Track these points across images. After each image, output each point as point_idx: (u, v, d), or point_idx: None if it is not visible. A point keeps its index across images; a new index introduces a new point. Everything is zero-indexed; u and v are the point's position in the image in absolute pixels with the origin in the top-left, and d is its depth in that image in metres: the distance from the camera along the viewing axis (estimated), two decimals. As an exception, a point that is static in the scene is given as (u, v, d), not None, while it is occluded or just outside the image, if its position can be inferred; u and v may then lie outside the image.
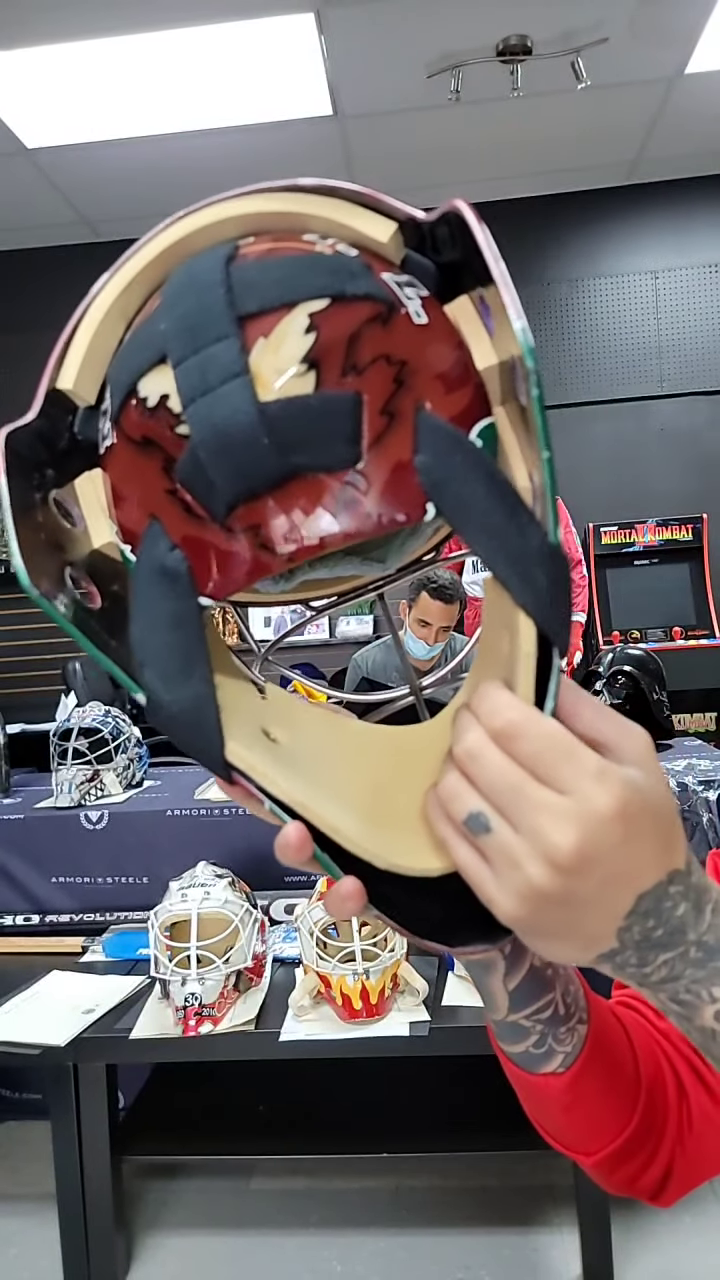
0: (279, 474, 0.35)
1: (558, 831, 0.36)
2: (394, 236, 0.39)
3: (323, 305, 0.36)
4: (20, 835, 2.27)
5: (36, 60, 3.14)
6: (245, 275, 0.36)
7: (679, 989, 0.41)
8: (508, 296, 0.37)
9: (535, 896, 0.37)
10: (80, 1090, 1.80)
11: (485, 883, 0.38)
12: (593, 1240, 1.79)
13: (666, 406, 4.34)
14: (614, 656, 2.68)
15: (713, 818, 2.13)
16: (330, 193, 0.39)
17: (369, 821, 0.41)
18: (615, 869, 0.37)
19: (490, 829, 0.37)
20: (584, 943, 0.40)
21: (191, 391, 0.35)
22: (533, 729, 0.37)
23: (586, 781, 0.37)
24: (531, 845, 0.36)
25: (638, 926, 0.40)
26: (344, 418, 0.35)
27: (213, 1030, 1.71)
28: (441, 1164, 2.17)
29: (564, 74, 3.31)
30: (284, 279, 0.36)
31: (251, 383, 0.35)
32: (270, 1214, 2.08)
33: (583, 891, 0.37)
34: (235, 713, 0.39)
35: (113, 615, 0.40)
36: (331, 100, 3.48)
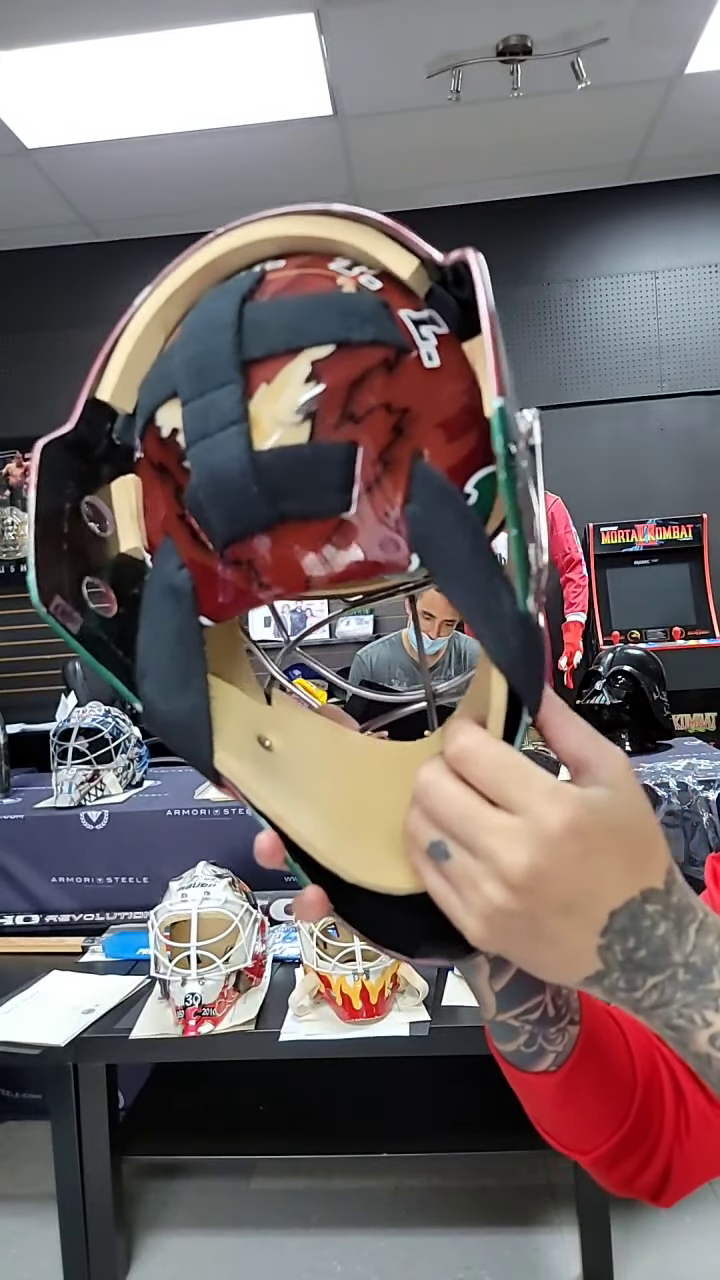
0: (268, 520, 0.37)
1: (509, 851, 0.37)
2: (416, 272, 0.39)
3: (327, 352, 0.36)
4: (20, 835, 2.27)
5: (36, 60, 3.14)
6: (257, 316, 0.37)
7: (671, 1014, 0.41)
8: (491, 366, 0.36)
9: (497, 915, 0.38)
10: (80, 1090, 1.80)
11: (453, 907, 0.39)
12: (593, 1240, 1.79)
13: (666, 406, 4.34)
14: (614, 656, 2.68)
15: (713, 817, 2.13)
16: (360, 220, 0.40)
17: (344, 835, 0.42)
18: (576, 885, 0.38)
19: (450, 856, 0.38)
20: (565, 962, 0.40)
21: (194, 434, 0.37)
22: (483, 753, 0.38)
23: (538, 801, 0.38)
24: (487, 867, 0.38)
25: (618, 946, 0.40)
26: (336, 467, 0.36)
27: (213, 1030, 1.71)
28: (441, 1164, 2.17)
29: (564, 74, 3.31)
30: (293, 322, 0.37)
31: (248, 430, 0.36)
32: (270, 1214, 2.08)
33: (544, 908, 0.38)
34: (231, 721, 0.41)
35: (127, 622, 0.42)
36: (331, 100, 3.47)
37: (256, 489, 0.36)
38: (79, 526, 0.42)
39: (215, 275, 0.41)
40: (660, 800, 2.16)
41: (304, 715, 0.47)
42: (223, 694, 0.41)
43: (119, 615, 0.42)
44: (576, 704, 2.70)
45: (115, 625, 0.42)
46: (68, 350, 4.41)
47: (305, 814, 0.42)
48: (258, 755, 0.42)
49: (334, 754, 0.46)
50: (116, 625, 0.42)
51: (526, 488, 0.38)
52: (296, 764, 0.44)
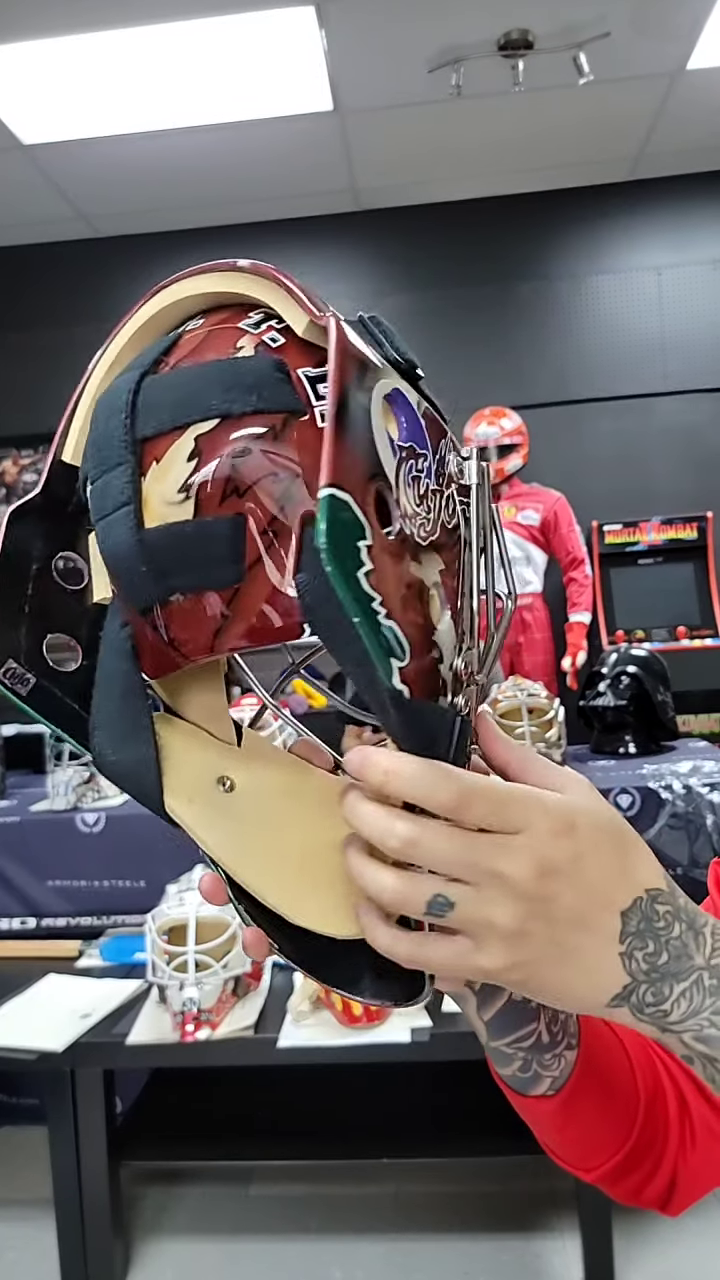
0: (159, 596, 0.38)
1: (513, 865, 0.37)
2: (309, 327, 0.39)
3: (210, 427, 0.37)
4: (16, 838, 2.25)
5: (33, 55, 3.12)
6: (150, 395, 0.38)
7: (702, 1024, 0.41)
8: (327, 452, 0.34)
9: (516, 937, 0.38)
10: (78, 1096, 1.79)
11: (470, 959, 0.38)
12: (594, 1245, 1.78)
13: (670, 403, 4.31)
14: (618, 657, 2.65)
15: (718, 820, 2.12)
16: (259, 274, 0.41)
17: (293, 878, 0.43)
18: (581, 885, 0.38)
19: (453, 903, 0.37)
20: (591, 980, 0.40)
21: (96, 514, 0.39)
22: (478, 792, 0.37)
23: (535, 815, 0.38)
24: (495, 890, 0.37)
25: (639, 952, 0.40)
26: (221, 542, 0.37)
27: (211, 1035, 1.69)
28: (442, 1169, 2.15)
29: (565, 69, 3.29)
30: (181, 399, 0.37)
31: (137, 511, 0.37)
32: (270, 1220, 2.06)
33: (558, 914, 0.38)
34: (187, 765, 0.42)
35: (90, 672, 0.43)
36: (332, 95, 3.45)
37: (144, 568, 0.37)
38: (46, 584, 0.43)
39: (155, 332, 0.42)
40: (664, 803, 2.14)
41: (271, 754, 0.47)
42: (181, 738, 0.42)
43: (83, 667, 0.43)
44: (580, 705, 2.68)
45: (79, 677, 0.43)
46: (65, 347, 4.38)
47: (254, 857, 0.42)
48: (211, 799, 0.43)
49: (295, 796, 0.46)
50: (81, 677, 0.43)
51: (374, 568, 0.35)
52: (254, 805, 0.44)
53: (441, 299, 4.37)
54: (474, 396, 4.18)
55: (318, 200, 4.25)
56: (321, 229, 4.38)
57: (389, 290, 4.41)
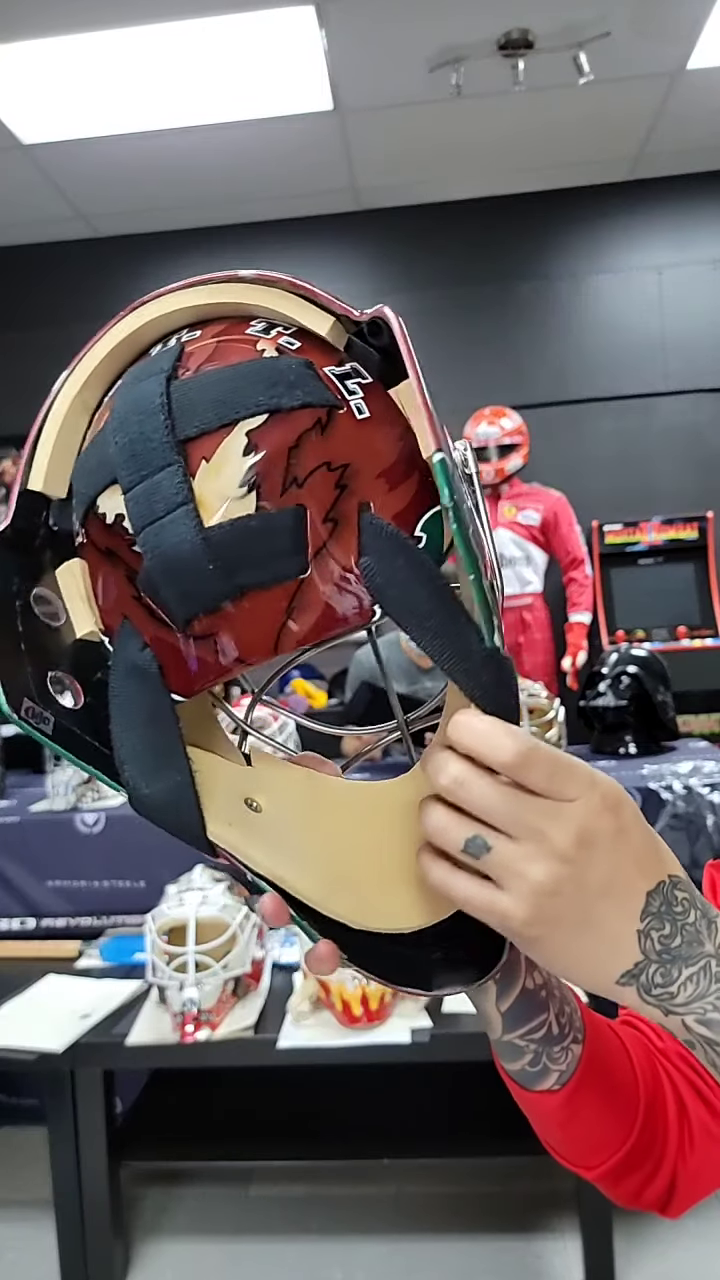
0: (226, 594, 0.37)
1: (558, 828, 0.39)
2: (333, 328, 0.40)
3: (260, 421, 0.37)
4: (15, 838, 2.25)
5: (32, 54, 3.11)
6: (186, 395, 0.38)
7: (706, 1007, 0.42)
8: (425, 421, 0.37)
9: (545, 898, 0.39)
10: (78, 1096, 1.78)
11: (495, 901, 0.40)
12: (595, 1246, 1.77)
13: (671, 403, 4.31)
14: (618, 657, 2.65)
15: (718, 820, 2.11)
16: (269, 283, 0.41)
17: (343, 884, 0.43)
18: (616, 860, 0.40)
19: (489, 847, 0.39)
20: (606, 951, 0.41)
21: (140, 520, 0.38)
22: (538, 755, 0.39)
23: (588, 787, 0.40)
24: (534, 846, 0.39)
25: (655, 932, 0.41)
26: (286, 533, 0.37)
27: (211, 1036, 1.69)
28: (442, 1170, 2.15)
29: (566, 68, 3.28)
30: (222, 397, 0.37)
31: (195, 510, 0.37)
32: (270, 1220, 2.06)
33: (590, 885, 0.39)
34: (216, 789, 0.42)
35: (96, 710, 0.42)
36: (332, 95, 3.45)
37: (211, 566, 0.37)
38: (32, 621, 0.43)
39: (131, 351, 0.42)
40: (665, 803, 2.14)
41: (285, 771, 0.47)
42: (205, 764, 0.42)
43: (87, 705, 0.43)
44: (580, 705, 2.67)
45: (85, 716, 0.43)
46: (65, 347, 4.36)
47: (303, 870, 0.42)
48: (248, 819, 0.43)
49: (319, 805, 0.46)
50: (87, 716, 0.43)
51: (475, 529, 0.38)
52: (285, 821, 0.44)
53: (441, 299, 4.37)
54: (474, 396, 4.17)
55: (318, 200, 4.24)
56: (321, 229, 4.37)
57: (389, 290, 4.41)
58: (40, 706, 0.41)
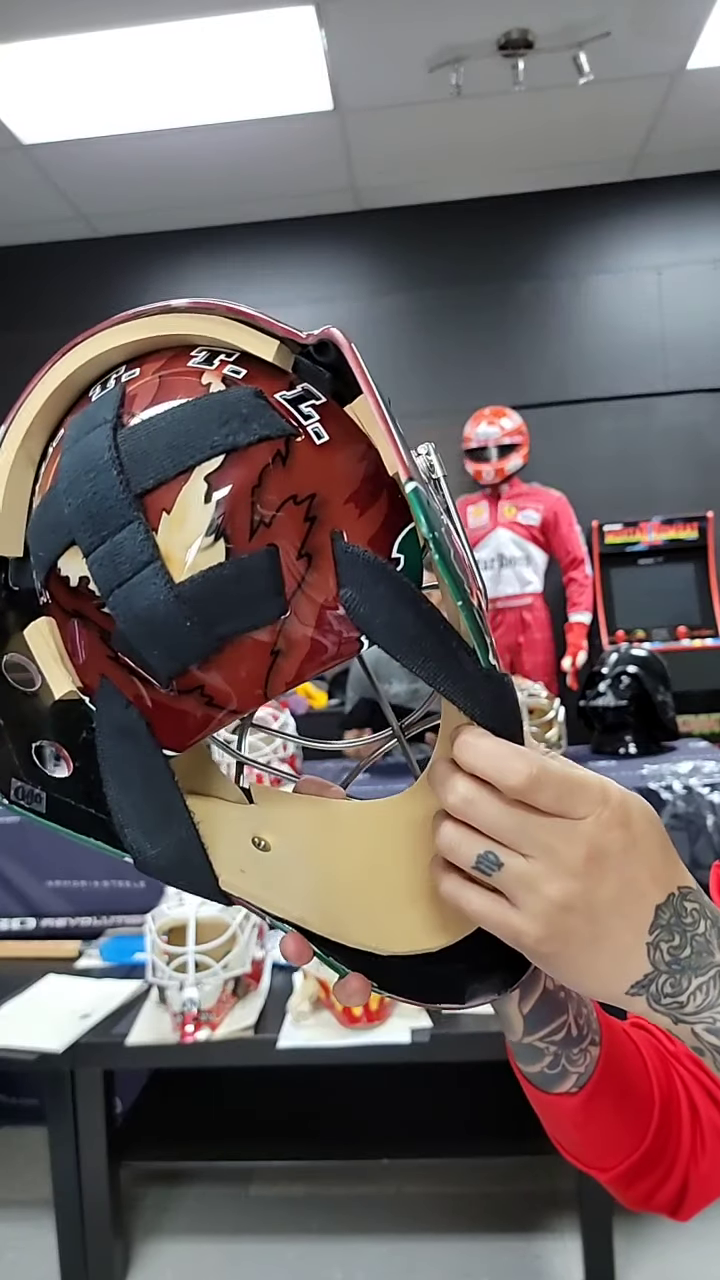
0: (209, 648, 0.36)
1: (569, 846, 0.39)
2: (279, 351, 0.38)
3: (217, 464, 0.35)
4: (15, 838, 2.25)
5: (32, 54, 3.11)
6: (137, 445, 0.36)
7: (716, 1016, 0.42)
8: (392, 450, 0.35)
9: (558, 912, 0.39)
10: (77, 1096, 1.78)
11: (507, 917, 0.40)
12: (595, 1246, 1.77)
13: (671, 403, 4.31)
14: (618, 657, 2.65)
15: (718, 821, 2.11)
16: (206, 311, 0.39)
17: (361, 912, 0.42)
18: (626, 874, 0.40)
19: (501, 864, 0.39)
20: (616, 964, 0.41)
21: (107, 583, 0.36)
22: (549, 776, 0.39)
23: (598, 805, 0.40)
24: (546, 864, 0.39)
25: (664, 944, 0.41)
26: (261, 576, 0.36)
27: (211, 1036, 1.69)
28: (442, 1170, 2.15)
29: (566, 68, 3.28)
30: (174, 443, 0.35)
31: (163, 567, 0.35)
32: (270, 1220, 2.06)
33: (601, 900, 0.40)
34: (222, 836, 0.41)
35: (85, 773, 0.41)
36: (332, 95, 3.45)
37: (189, 623, 0.35)
38: (7, 692, 0.41)
39: (69, 394, 0.40)
40: (665, 803, 2.14)
41: (289, 803, 0.45)
42: (207, 812, 0.41)
43: (77, 769, 0.41)
44: (580, 705, 2.67)
45: (77, 781, 0.41)
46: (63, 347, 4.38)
47: (318, 904, 0.42)
48: (258, 861, 0.42)
49: (326, 834, 0.45)
50: (78, 781, 0.41)
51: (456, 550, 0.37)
52: (294, 856, 0.43)
53: (441, 299, 4.37)
54: (474, 396, 4.18)
55: (318, 200, 4.25)
56: (321, 229, 4.37)
57: (389, 290, 4.41)
58: (30, 784, 0.40)
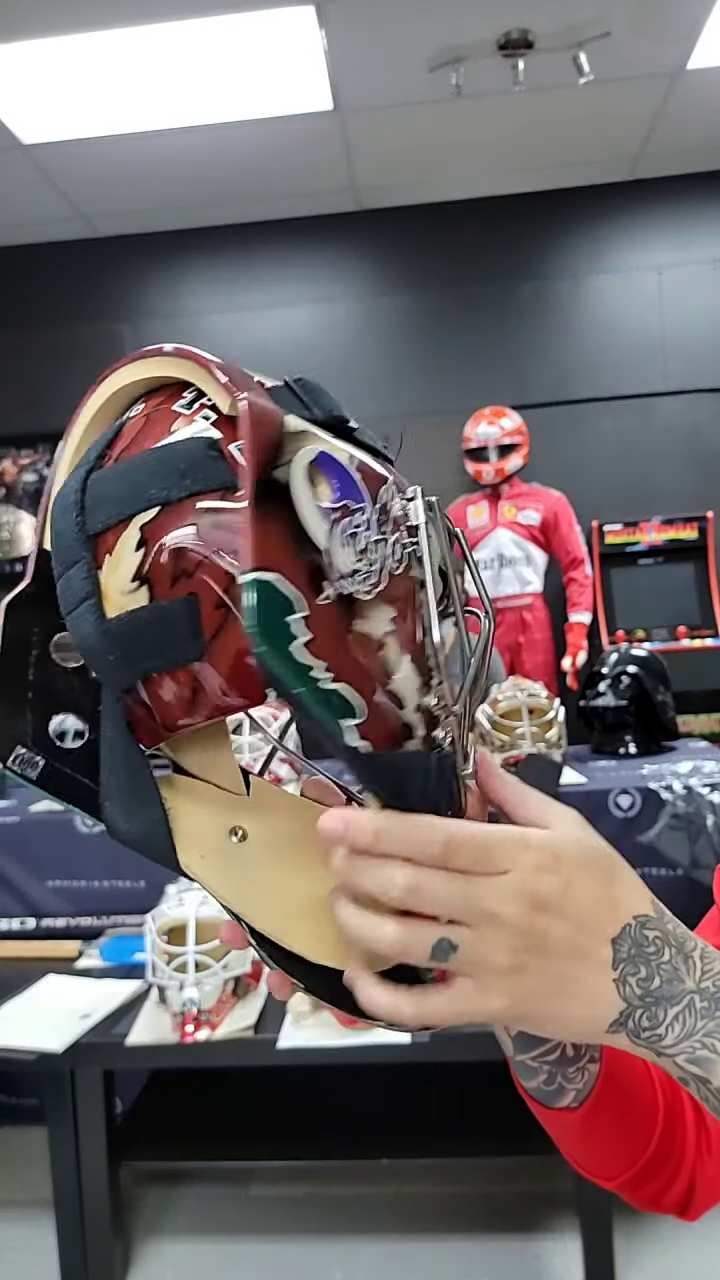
0: (132, 680, 0.40)
1: (504, 903, 0.39)
2: (231, 407, 0.40)
3: (151, 515, 0.38)
4: (15, 838, 2.25)
5: (32, 54, 3.11)
6: (97, 489, 0.40)
7: (695, 1046, 0.42)
8: (248, 538, 0.36)
9: (515, 973, 0.39)
10: (77, 1096, 1.78)
11: (474, 1000, 0.39)
12: (595, 1246, 1.77)
13: (671, 403, 4.31)
14: (618, 657, 2.65)
15: (718, 821, 2.11)
16: (183, 356, 0.42)
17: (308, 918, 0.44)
18: (570, 917, 0.40)
19: (456, 945, 0.39)
20: (589, 1009, 0.41)
21: (64, 609, 0.41)
22: (463, 836, 0.39)
23: (519, 853, 0.40)
24: (489, 931, 0.39)
25: (632, 978, 0.41)
26: (179, 622, 0.38)
27: (211, 1036, 1.69)
28: (442, 1170, 2.15)
29: (566, 68, 3.28)
30: (121, 493, 0.39)
31: (98, 604, 0.39)
32: (270, 1220, 2.06)
33: (552, 948, 0.39)
34: (198, 821, 0.43)
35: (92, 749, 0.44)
36: (332, 95, 3.45)
37: (112, 657, 0.39)
38: (46, 667, 0.45)
39: (109, 417, 0.44)
40: (665, 803, 2.14)
41: (280, 800, 0.47)
42: (191, 795, 0.43)
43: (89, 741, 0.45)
44: (580, 705, 2.67)
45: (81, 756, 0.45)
46: (65, 347, 4.38)
47: (269, 904, 0.43)
48: (224, 851, 0.44)
49: (302, 837, 0.46)
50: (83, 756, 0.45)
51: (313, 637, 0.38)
52: (266, 853, 0.45)
53: (441, 299, 4.37)
54: (474, 396, 4.18)
55: (318, 200, 4.24)
56: (321, 229, 4.37)
57: (389, 290, 4.41)
58: (33, 752, 0.43)
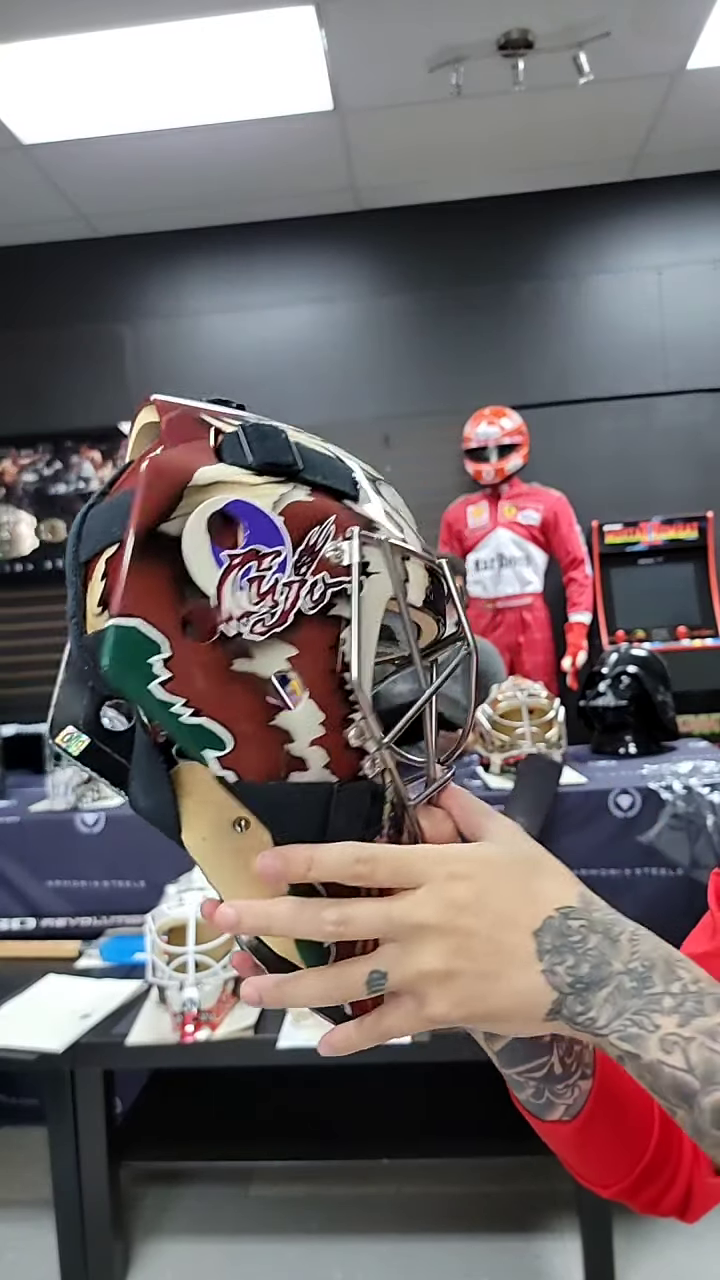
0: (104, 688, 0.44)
1: (424, 911, 0.42)
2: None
3: (114, 550, 0.43)
4: (15, 838, 2.25)
5: (32, 54, 3.11)
6: (88, 524, 0.45)
7: (626, 1024, 0.43)
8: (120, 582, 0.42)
9: (448, 977, 0.42)
10: (77, 1096, 1.78)
11: (419, 1013, 0.43)
12: (595, 1246, 1.77)
13: (671, 403, 4.31)
14: (618, 657, 2.65)
15: (718, 821, 2.11)
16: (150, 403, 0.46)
17: None
18: (489, 914, 0.43)
19: (385, 971, 0.42)
20: (521, 999, 0.43)
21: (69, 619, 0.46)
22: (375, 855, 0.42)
23: (432, 866, 0.43)
24: (417, 940, 0.42)
25: (559, 967, 0.43)
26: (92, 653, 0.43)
27: (211, 1036, 1.69)
28: (442, 1170, 2.15)
29: (566, 68, 3.28)
30: (99, 528, 0.43)
31: (80, 622, 0.44)
32: (270, 1220, 2.06)
33: (477, 948, 0.42)
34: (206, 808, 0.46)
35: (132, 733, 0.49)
36: (332, 95, 3.45)
37: (87, 667, 0.44)
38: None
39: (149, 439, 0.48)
40: (665, 803, 2.14)
41: None
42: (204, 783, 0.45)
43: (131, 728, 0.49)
44: (580, 705, 2.67)
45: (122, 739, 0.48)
46: (65, 347, 4.39)
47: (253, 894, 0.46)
48: (224, 837, 0.46)
49: None
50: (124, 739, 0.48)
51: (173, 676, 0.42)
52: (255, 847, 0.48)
53: (441, 299, 4.37)
54: (474, 396, 4.18)
55: (318, 200, 4.24)
56: (321, 229, 4.37)
57: (389, 290, 4.41)
58: (81, 732, 0.46)
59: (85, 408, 4.37)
